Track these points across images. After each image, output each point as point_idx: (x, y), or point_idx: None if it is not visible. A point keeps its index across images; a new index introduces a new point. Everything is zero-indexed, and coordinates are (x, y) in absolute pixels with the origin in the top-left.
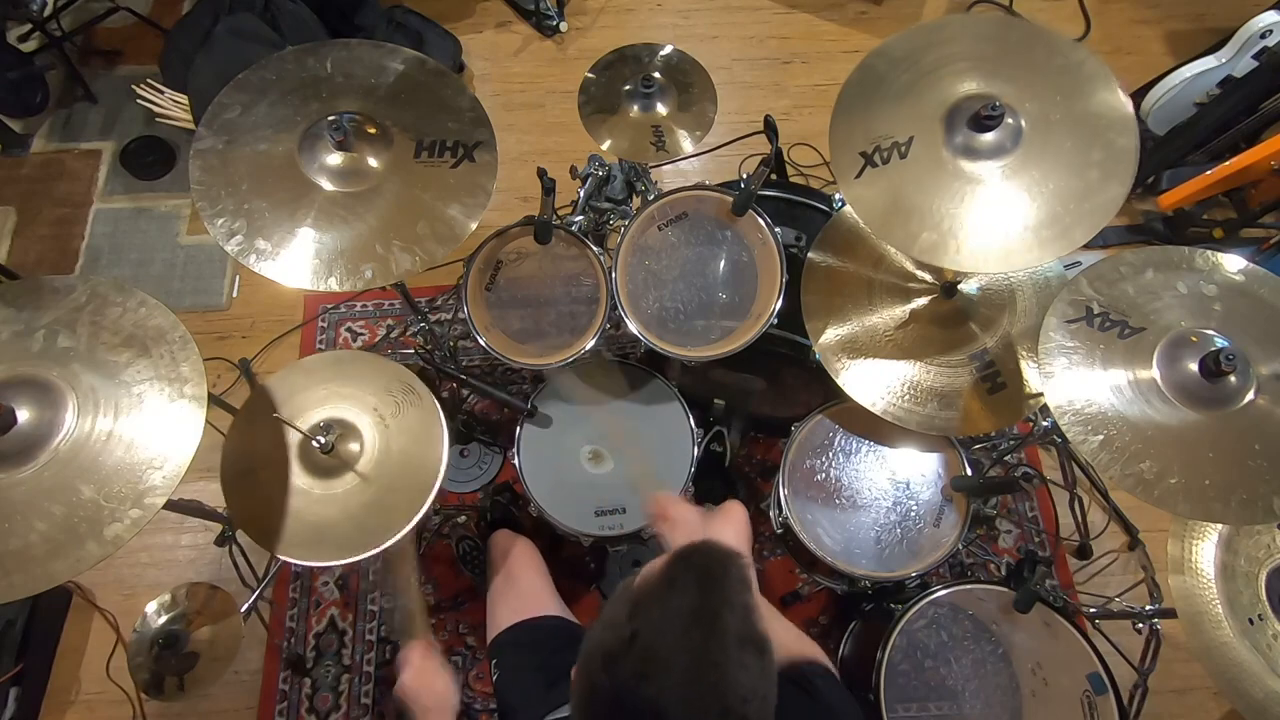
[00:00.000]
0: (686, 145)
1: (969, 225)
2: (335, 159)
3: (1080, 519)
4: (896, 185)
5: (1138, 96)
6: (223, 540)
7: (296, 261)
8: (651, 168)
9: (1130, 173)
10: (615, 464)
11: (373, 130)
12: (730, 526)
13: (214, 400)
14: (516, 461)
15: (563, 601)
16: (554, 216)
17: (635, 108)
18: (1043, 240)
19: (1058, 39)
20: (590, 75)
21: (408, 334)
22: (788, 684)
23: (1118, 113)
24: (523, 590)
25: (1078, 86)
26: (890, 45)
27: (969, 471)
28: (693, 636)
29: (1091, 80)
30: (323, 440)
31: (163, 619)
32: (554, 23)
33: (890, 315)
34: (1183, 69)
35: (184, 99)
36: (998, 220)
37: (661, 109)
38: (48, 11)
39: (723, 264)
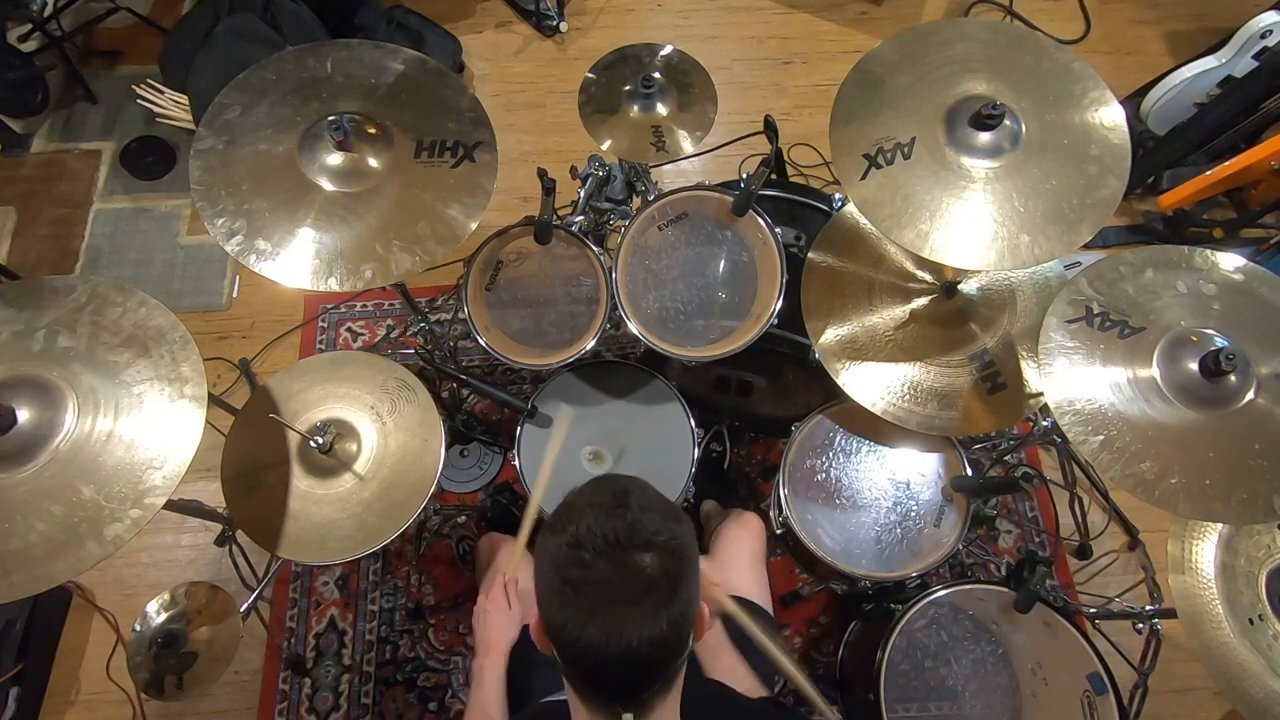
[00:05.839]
0: (686, 145)
1: (975, 223)
2: (335, 159)
3: (1080, 519)
4: (903, 186)
5: (1138, 96)
6: (223, 540)
7: (296, 261)
8: (651, 168)
9: (1125, 166)
10: (616, 465)
11: (373, 130)
12: (746, 538)
13: (214, 400)
14: (516, 462)
15: None
16: (554, 216)
17: (635, 108)
18: (1049, 236)
19: (1044, 41)
20: (590, 75)
21: (408, 334)
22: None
23: (1107, 108)
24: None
25: (1067, 85)
26: (884, 49)
27: (969, 471)
28: (600, 492)
29: (1080, 79)
30: (320, 440)
31: (162, 619)
32: (554, 23)
33: (890, 315)
34: (1183, 69)
35: (184, 99)
36: (1003, 218)
37: (661, 109)
38: (48, 11)
39: (723, 264)
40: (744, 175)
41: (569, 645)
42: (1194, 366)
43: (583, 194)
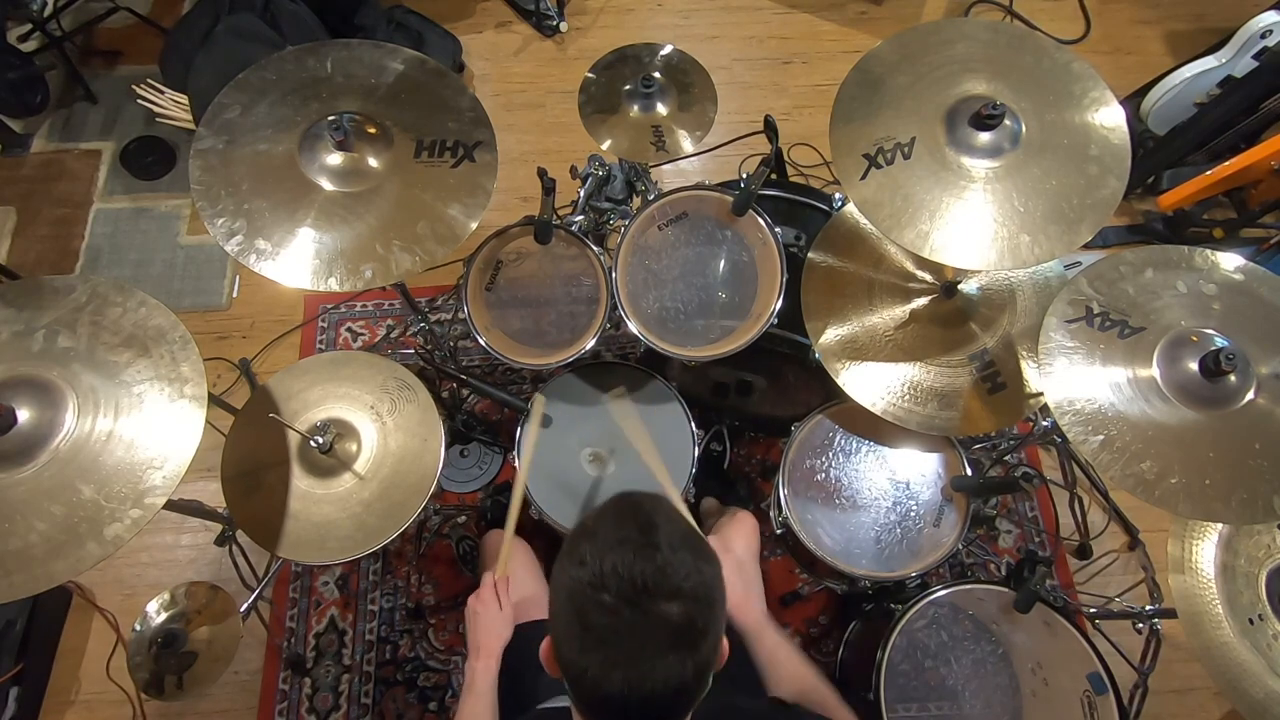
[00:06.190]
0: (686, 145)
1: (975, 223)
2: (335, 159)
3: (1080, 519)
4: (903, 185)
5: (1138, 96)
6: (223, 540)
7: (296, 261)
8: (651, 168)
9: (1125, 166)
10: (616, 466)
11: (373, 130)
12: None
13: (214, 400)
14: (517, 462)
15: None
16: (554, 216)
17: (635, 108)
18: (1049, 236)
19: (1044, 41)
20: (590, 75)
21: (408, 334)
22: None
23: (1107, 108)
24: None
25: (1067, 85)
26: (884, 49)
27: (969, 471)
28: (626, 525)
29: (1080, 79)
30: (320, 440)
31: (162, 619)
32: (554, 23)
33: (890, 315)
34: (1183, 69)
35: (184, 99)
36: (1003, 218)
37: (661, 109)
38: (48, 11)
39: (723, 264)
40: (744, 175)
41: (587, 691)
42: (1194, 366)
43: (583, 194)
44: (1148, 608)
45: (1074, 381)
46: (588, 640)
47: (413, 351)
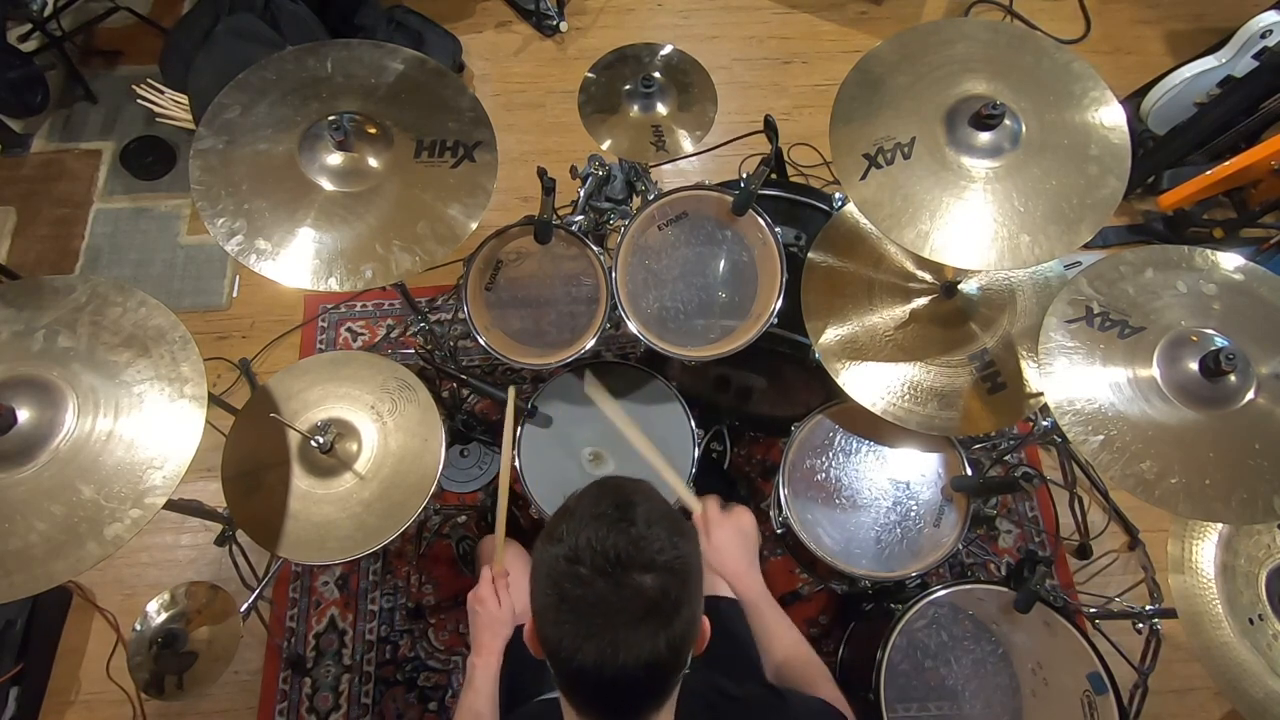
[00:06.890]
0: (686, 145)
1: (975, 223)
2: (335, 159)
3: (1080, 519)
4: (903, 185)
5: (1138, 96)
6: (223, 540)
7: (296, 261)
8: (651, 167)
9: (1125, 166)
10: (616, 464)
11: (373, 130)
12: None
13: (214, 400)
14: (517, 462)
15: None
16: (554, 216)
17: (635, 108)
18: (1049, 236)
19: (1044, 41)
20: (590, 75)
21: (408, 334)
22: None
23: (1107, 108)
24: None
25: (1067, 85)
26: (884, 49)
27: (969, 471)
28: (603, 502)
29: (1080, 79)
30: (321, 440)
31: (162, 618)
32: (554, 23)
33: (890, 315)
34: (1183, 69)
35: (184, 99)
36: (1003, 218)
37: (661, 109)
38: (48, 11)
39: (723, 264)
40: (744, 175)
41: (563, 663)
42: (1194, 366)
43: (583, 194)
44: (1148, 608)
45: (1074, 381)
46: (563, 612)
47: (413, 351)
